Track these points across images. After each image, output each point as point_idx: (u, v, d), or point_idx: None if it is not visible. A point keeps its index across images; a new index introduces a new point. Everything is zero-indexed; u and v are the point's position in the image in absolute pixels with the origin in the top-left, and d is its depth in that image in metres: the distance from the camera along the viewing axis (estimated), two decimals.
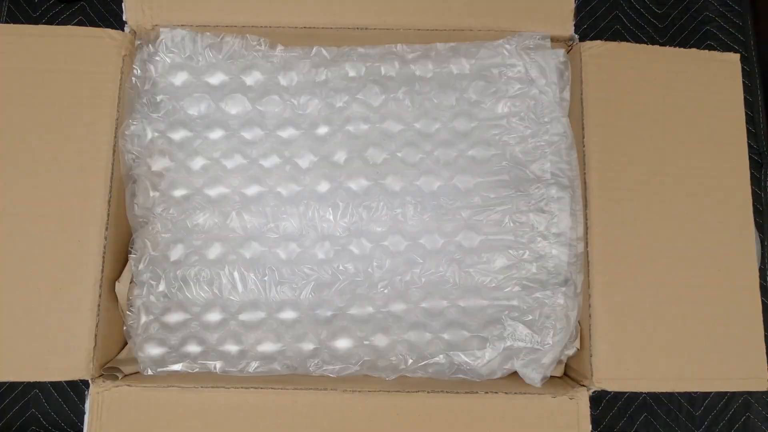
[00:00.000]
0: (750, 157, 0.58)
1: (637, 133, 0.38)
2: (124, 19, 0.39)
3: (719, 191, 0.38)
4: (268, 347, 0.38)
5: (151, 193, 0.39)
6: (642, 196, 0.38)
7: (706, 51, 0.40)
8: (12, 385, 0.52)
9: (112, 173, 0.37)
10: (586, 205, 0.37)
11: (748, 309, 0.37)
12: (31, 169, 0.37)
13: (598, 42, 0.39)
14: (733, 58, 0.39)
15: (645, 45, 0.40)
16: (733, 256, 0.37)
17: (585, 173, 0.37)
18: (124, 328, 0.38)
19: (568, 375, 0.39)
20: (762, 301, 0.55)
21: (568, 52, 0.41)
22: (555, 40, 0.40)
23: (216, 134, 0.40)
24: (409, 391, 0.34)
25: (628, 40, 0.60)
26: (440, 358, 0.37)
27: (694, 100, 0.39)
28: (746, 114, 0.58)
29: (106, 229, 0.36)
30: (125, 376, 0.36)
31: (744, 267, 0.37)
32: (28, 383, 0.48)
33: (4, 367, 0.35)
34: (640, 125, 0.38)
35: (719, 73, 0.39)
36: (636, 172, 0.38)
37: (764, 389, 0.36)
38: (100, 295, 0.36)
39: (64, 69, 0.37)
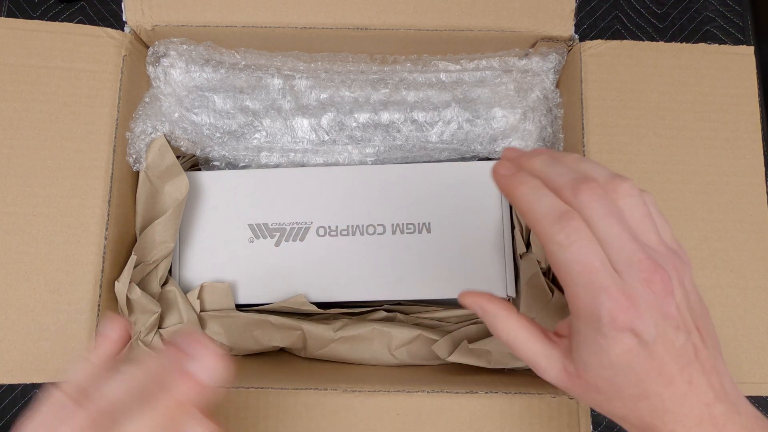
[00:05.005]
0: None
1: (641, 132, 0.38)
2: (123, 19, 0.39)
3: (732, 189, 0.37)
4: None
5: None
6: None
7: (716, 45, 0.39)
8: (12, 385, 0.52)
9: (112, 173, 0.37)
10: None
11: (762, 311, 0.36)
12: (29, 168, 0.37)
13: (599, 41, 0.39)
14: (747, 51, 0.38)
15: (651, 42, 0.39)
16: (747, 256, 0.37)
17: None
18: None
19: None
20: None
21: (567, 53, 0.41)
22: (555, 40, 0.40)
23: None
24: (409, 391, 0.34)
25: (627, 40, 0.60)
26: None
27: (704, 96, 0.38)
28: None
29: (106, 229, 0.36)
30: None
31: (759, 268, 0.37)
32: (29, 383, 0.48)
33: (3, 370, 0.35)
34: (643, 123, 0.38)
35: (731, 66, 0.38)
36: (639, 171, 0.38)
37: None
38: (100, 295, 0.36)
39: (61, 66, 0.37)
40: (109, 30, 0.38)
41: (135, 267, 0.39)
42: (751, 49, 0.39)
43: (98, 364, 0.24)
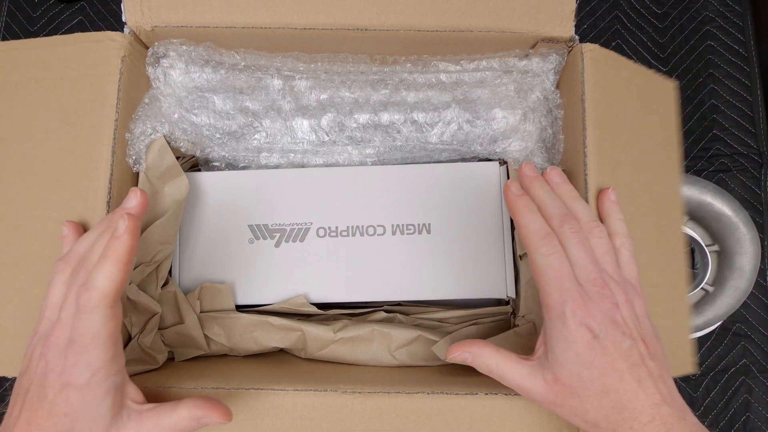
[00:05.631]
0: (750, 157, 0.58)
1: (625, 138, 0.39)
2: (123, 20, 0.39)
3: (661, 195, 0.39)
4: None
5: None
6: (633, 199, 0.38)
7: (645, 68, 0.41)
8: (12, 384, 0.52)
9: (112, 174, 0.37)
10: None
11: (677, 304, 0.39)
12: (29, 169, 0.37)
13: (595, 46, 0.39)
14: (672, 84, 0.42)
15: (628, 60, 0.40)
16: (668, 256, 0.39)
17: (586, 174, 0.37)
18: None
19: None
20: (762, 300, 0.56)
21: (568, 53, 0.41)
22: (555, 41, 0.40)
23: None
24: (408, 392, 0.34)
25: (628, 40, 0.60)
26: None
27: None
28: (746, 114, 0.59)
29: None
30: None
31: (675, 265, 0.39)
32: None
33: (8, 364, 0.35)
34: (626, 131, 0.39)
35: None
36: (631, 174, 0.38)
37: (693, 372, 0.38)
38: None
39: (70, 75, 0.38)
40: (110, 33, 0.38)
41: (135, 268, 0.39)
42: (675, 83, 0.42)
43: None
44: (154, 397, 0.34)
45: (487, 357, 0.33)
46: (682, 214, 0.40)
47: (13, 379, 0.32)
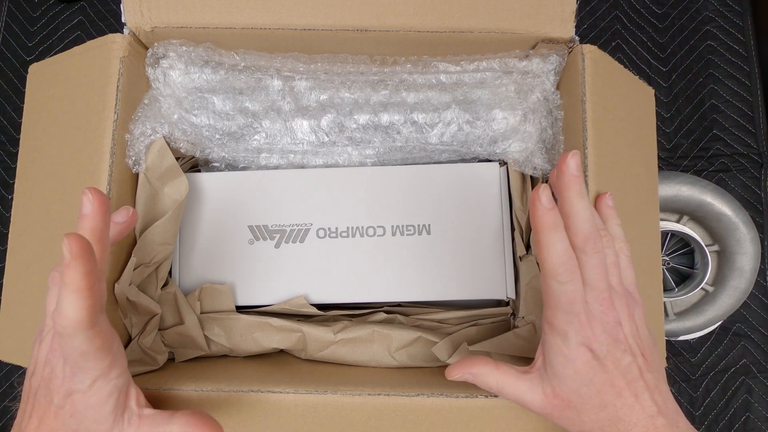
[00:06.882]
0: (750, 157, 0.58)
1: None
2: (123, 20, 0.39)
3: (643, 199, 0.40)
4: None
5: None
6: (632, 198, 0.38)
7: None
8: (12, 385, 0.53)
9: (111, 174, 0.37)
10: None
11: (654, 304, 0.38)
12: (30, 170, 0.37)
13: (594, 47, 0.39)
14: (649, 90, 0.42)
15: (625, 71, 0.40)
16: (648, 259, 0.39)
17: (586, 175, 0.37)
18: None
19: None
20: (762, 300, 0.56)
21: (568, 54, 0.41)
22: (555, 42, 0.40)
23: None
24: (408, 394, 0.34)
25: (628, 40, 0.60)
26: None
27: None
28: (746, 114, 0.59)
29: None
30: None
31: (653, 267, 0.39)
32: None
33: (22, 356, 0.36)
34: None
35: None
36: (623, 176, 0.38)
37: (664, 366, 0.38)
38: None
39: (84, 83, 0.38)
40: (112, 36, 0.38)
41: (135, 269, 0.39)
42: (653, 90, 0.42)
43: None
44: (154, 398, 0.34)
45: (487, 376, 0.33)
46: (658, 219, 0.40)
47: (23, 370, 0.32)
